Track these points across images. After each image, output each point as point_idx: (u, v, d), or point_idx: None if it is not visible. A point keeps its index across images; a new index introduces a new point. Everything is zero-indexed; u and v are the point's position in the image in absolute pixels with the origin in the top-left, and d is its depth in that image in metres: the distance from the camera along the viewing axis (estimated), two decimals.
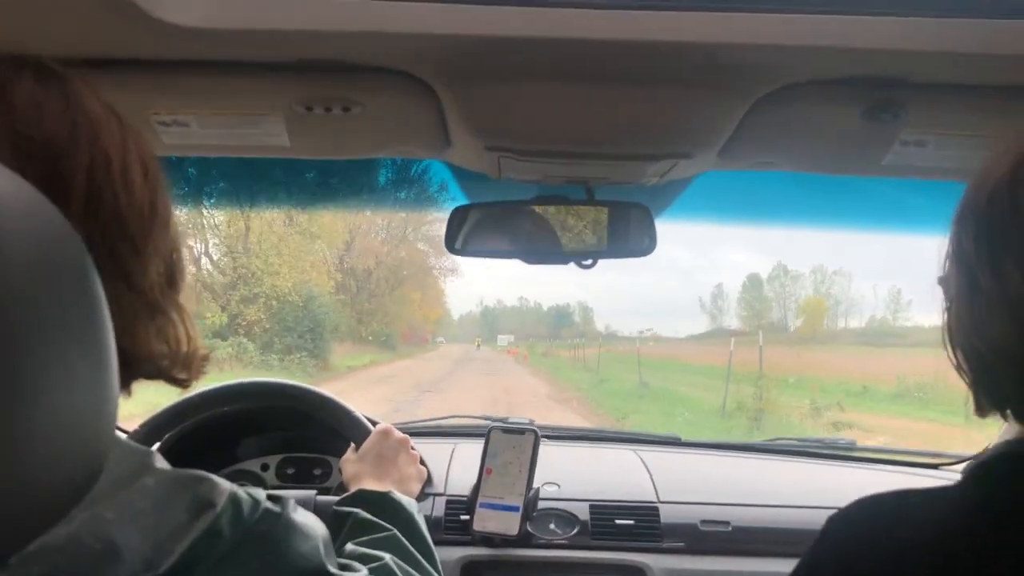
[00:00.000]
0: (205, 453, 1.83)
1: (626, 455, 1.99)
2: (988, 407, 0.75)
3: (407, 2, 0.91)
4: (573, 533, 1.66)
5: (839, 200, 1.76)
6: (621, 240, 1.42)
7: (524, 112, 1.10)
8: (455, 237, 1.44)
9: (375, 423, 1.56)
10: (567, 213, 1.44)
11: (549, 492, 1.73)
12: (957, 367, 0.77)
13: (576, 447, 2.14)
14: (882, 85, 1.03)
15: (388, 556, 1.06)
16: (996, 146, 1.08)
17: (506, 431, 1.67)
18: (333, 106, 1.10)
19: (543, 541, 1.64)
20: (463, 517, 1.63)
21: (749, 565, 1.63)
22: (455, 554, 1.60)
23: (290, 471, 1.86)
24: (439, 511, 1.68)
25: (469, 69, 1.02)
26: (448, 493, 1.73)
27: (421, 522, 1.20)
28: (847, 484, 1.94)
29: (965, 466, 0.78)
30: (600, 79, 1.02)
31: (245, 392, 1.66)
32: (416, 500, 1.29)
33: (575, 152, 1.19)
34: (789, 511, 1.71)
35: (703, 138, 1.15)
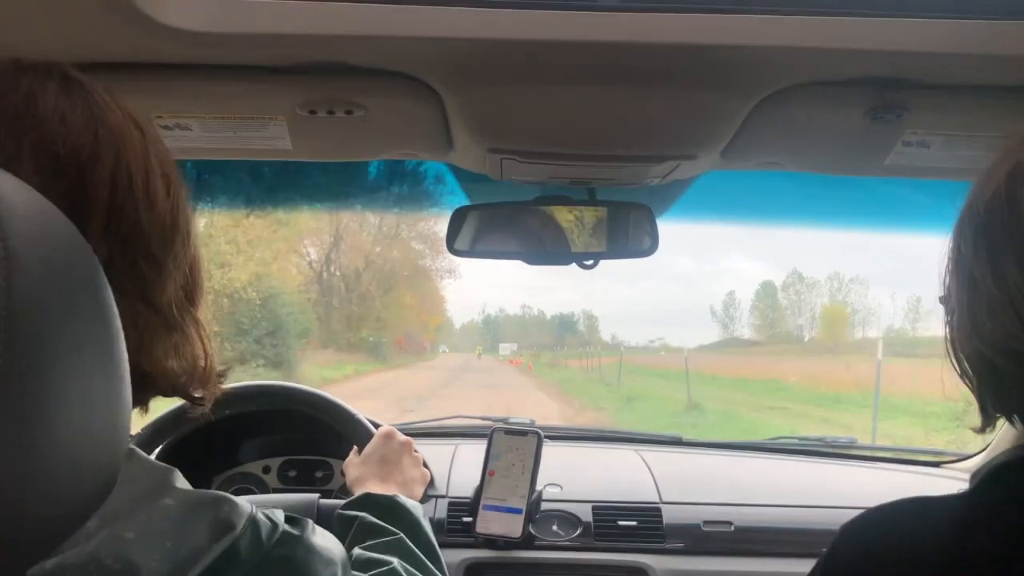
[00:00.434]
0: (207, 455, 1.84)
1: (628, 455, 1.99)
2: (994, 412, 0.75)
3: (409, 5, 0.91)
4: (576, 534, 1.66)
5: (843, 200, 1.76)
6: (623, 241, 1.42)
7: (527, 115, 1.10)
8: (456, 238, 1.44)
9: (378, 425, 1.56)
10: (569, 214, 1.44)
11: (551, 493, 1.73)
12: (961, 375, 0.77)
13: (578, 447, 2.14)
14: (885, 86, 1.03)
15: (396, 561, 1.06)
16: (999, 147, 1.09)
17: (508, 432, 1.67)
18: (336, 109, 1.09)
19: (546, 543, 1.64)
20: (466, 519, 1.63)
21: (752, 565, 1.63)
22: (458, 556, 1.60)
23: (292, 473, 1.86)
24: (441, 513, 1.68)
25: (472, 72, 1.02)
26: (450, 495, 1.72)
27: (427, 525, 1.20)
28: (849, 483, 1.94)
29: (973, 468, 0.78)
30: (603, 81, 1.02)
31: (247, 395, 1.66)
32: (420, 503, 1.29)
33: (578, 154, 1.19)
34: (791, 511, 1.71)
35: (707, 139, 1.15)
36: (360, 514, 1.17)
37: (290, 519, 0.70)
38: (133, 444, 1.51)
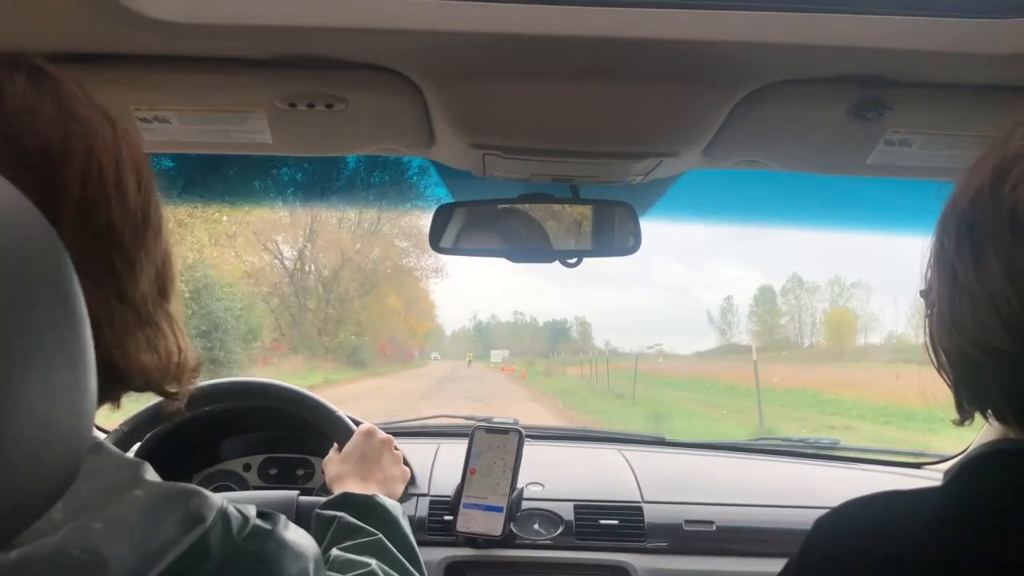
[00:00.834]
0: (187, 453, 1.82)
1: (611, 455, 1.99)
2: (969, 407, 0.76)
3: None
4: (557, 533, 1.65)
5: (825, 200, 1.77)
6: (606, 239, 1.42)
7: (509, 110, 1.09)
8: (440, 236, 1.43)
9: (358, 423, 1.55)
10: (552, 212, 1.44)
11: (533, 492, 1.73)
12: (938, 368, 0.77)
13: (560, 447, 2.14)
14: (867, 84, 1.03)
15: (375, 562, 1.05)
16: (981, 146, 1.09)
17: (490, 431, 1.67)
18: (316, 103, 1.09)
19: (527, 541, 1.64)
20: (447, 517, 1.63)
21: (733, 565, 1.63)
22: (438, 555, 1.59)
23: (272, 471, 1.85)
24: (423, 511, 1.67)
25: (454, 66, 1.01)
26: (432, 493, 1.72)
27: (406, 525, 1.19)
28: (831, 483, 1.95)
29: (948, 466, 0.79)
30: (585, 77, 1.02)
31: (227, 391, 1.65)
32: (400, 501, 1.29)
33: (560, 150, 1.18)
34: (773, 511, 1.72)
35: (688, 136, 1.15)
36: (339, 514, 1.16)
37: (262, 513, 0.70)
38: (111, 441, 1.51)
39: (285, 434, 1.86)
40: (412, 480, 1.70)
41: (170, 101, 1.10)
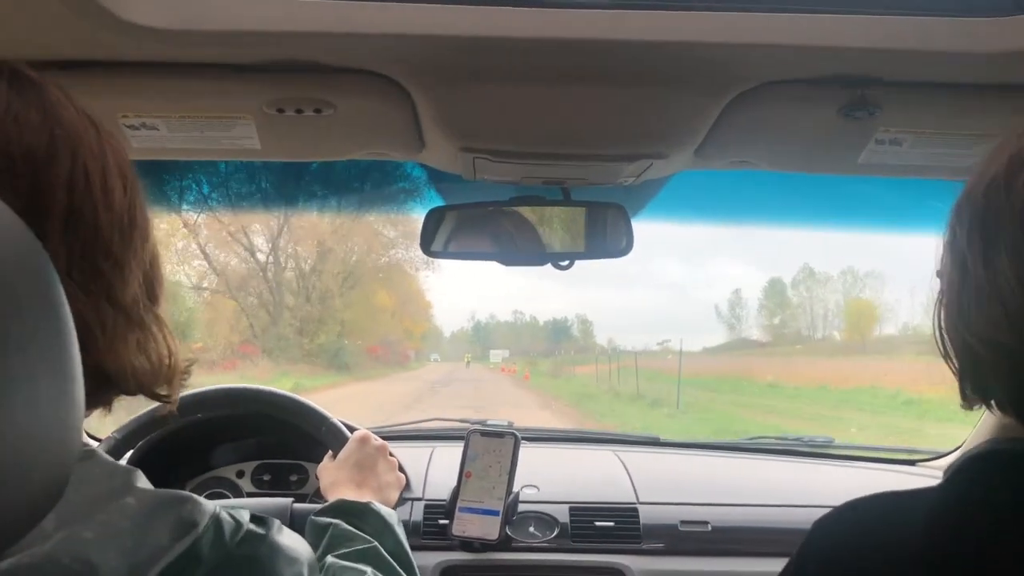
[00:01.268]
0: (180, 460, 1.82)
1: (606, 456, 1.98)
2: (972, 397, 0.75)
3: (378, 2, 0.90)
4: (553, 536, 1.65)
5: (817, 198, 1.77)
6: (597, 240, 1.42)
7: (498, 113, 1.09)
8: (431, 239, 1.43)
9: (353, 429, 1.54)
10: (543, 214, 1.43)
11: (528, 495, 1.72)
12: (944, 355, 0.77)
13: (556, 449, 2.14)
14: (856, 84, 1.03)
15: (370, 570, 1.06)
16: (971, 144, 1.09)
17: (485, 434, 1.66)
18: (304, 108, 1.08)
19: (523, 544, 1.63)
20: (442, 521, 1.62)
21: (729, 565, 1.63)
22: (433, 559, 1.59)
23: (266, 477, 1.84)
24: (417, 516, 1.67)
25: (442, 70, 1.01)
26: (427, 497, 1.71)
27: (401, 533, 1.19)
28: (825, 482, 1.95)
29: (947, 465, 0.78)
30: (574, 79, 1.02)
31: (220, 398, 1.64)
32: (394, 507, 1.28)
33: (550, 153, 1.18)
34: (768, 510, 1.72)
35: (678, 138, 1.14)
36: (334, 521, 1.16)
37: (256, 518, 0.69)
38: (103, 450, 1.50)
39: (278, 440, 1.85)
40: (407, 485, 1.70)
41: (157, 108, 1.09)
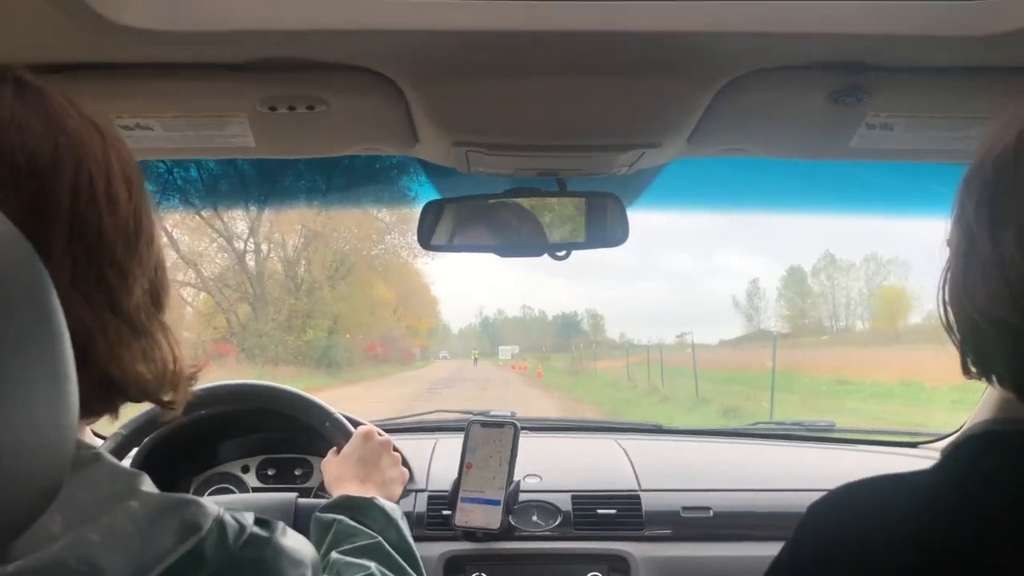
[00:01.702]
0: (185, 456, 1.83)
1: (608, 444, 1.99)
2: (974, 370, 0.75)
3: None
4: (555, 524, 1.66)
5: (814, 183, 1.77)
6: (594, 230, 1.42)
7: (489, 106, 1.09)
8: (428, 232, 1.43)
9: (356, 423, 1.56)
10: (539, 205, 1.44)
11: (531, 484, 1.74)
12: (947, 327, 0.77)
13: (558, 438, 2.15)
14: (845, 69, 1.03)
15: (373, 565, 1.06)
16: (963, 127, 1.09)
17: (485, 425, 1.67)
18: (297, 105, 1.09)
19: (526, 533, 1.64)
20: (445, 512, 1.63)
21: (731, 550, 1.64)
22: (438, 549, 1.60)
23: (271, 472, 1.86)
24: (421, 507, 1.68)
25: (433, 65, 1.01)
26: (430, 489, 1.72)
27: (405, 527, 1.20)
28: (827, 466, 1.96)
29: (945, 444, 0.78)
30: (565, 71, 1.02)
31: (224, 395, 1.65)
32: (398, 499, 1.29)
33: (542, 145, 1.18)
34: (770, 495, 1.72)
35: (670, 126, 1.15)
36: (338, 517, 1.16)
37: (260, 521, 0.69)
38: (110, 446, 1.51)
39: (282, 435, 1.86)
40: (411, 477, 1.71)
41: (151, 108, 1.10)
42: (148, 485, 0.65)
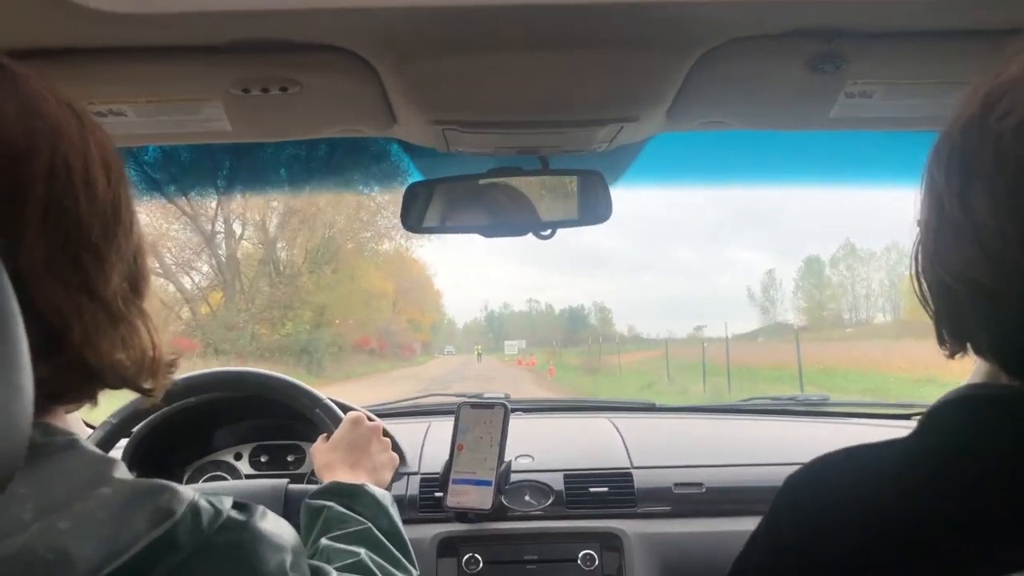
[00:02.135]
0: (178, 445, 1.83)
1: (600, 423, 2.00)
2: (950, 340, 0.74)
3: None
4: (548, 503, 1.67)
5: (798, 154, 1.76)
6: (577, 208, 1.42)
7: (465, 83, 1.09)
8: (410, 215, 1.43)
9: (346, 408, 1.56)
10: (523, 184, 1.43)
11: (523, 464, 1.74)
12: (921, 299, 0.76)
13: (550, 418, 2.15)
14: (820, 36, 1.02)
15: (363, 551, 1.05)
16: (942, 94, 1.08)
17: (475, 406, 1.67)
18: (270, 87, 1.08)
19: (518, 513, 1.65)
20: (437, 494, 1.64)
21: (723, 525, 1.64)
22: (431, 531, 1.60)
23: (263, 459, 1.87)
24: (413, 489, 1.68)
25: (405, 42, 1.00)
26: (422, 471, 1.73)
27: (395, 513, 1.19)
28: (819, 440, 1.96)
29: (922, 415, 0.78)
30: (538, 46, 1.01)
31: (212, 382, 1.65)
32: (389, 486, 1.29)
33: (519, 121, 1.18)
34: (761, 469, 1.72)
35: (647, 100, 1.14)
36: (327, 504, 1.16)
37: (238, 505, 0.69)
38: (99, 434, 1.50)
39: (274, 421, 1.87)
40: (403, 460, 1.71)
41: (123, 94, 1.09)
42: (122, 471, 0.65)
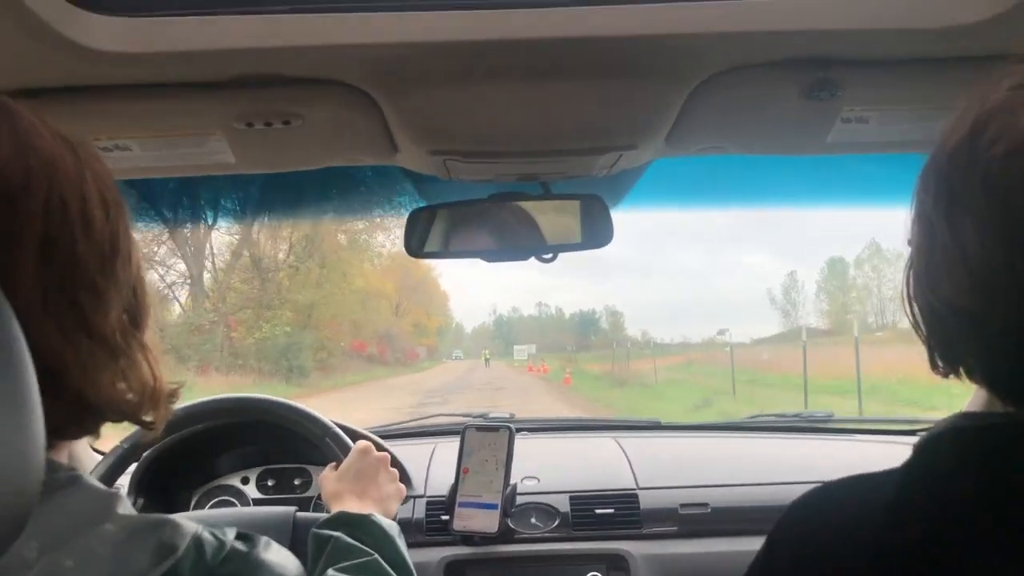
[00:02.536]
0: (185, 470, 1.84)
1: (606, 443, 2.00)
2: (942, 364, 0.74)
3: (336, 14, 0.91)
4: (554, 526, 1.67)
5: (800, 177, 1.77)
6: (578, 232, 1.43)
7: (463, 115, 1.10)
8: (413, 240, 1.44)
9: (354, 435, 1.56)
10: (525, 209, 1.44)
11: (529, 486, 1.74)
12: (914, 324, 0.76)
13: (556, 439, 2.15)
14: (815, 65, 1.03)
15: None
16: (938, 118, 1.08)
17: (481, 429, 1.68)
18: (273, 121, 1.09)
19: (524, 535, 1.65)
20: (443, 517, 1.64)
21: (729, 545, 1.64)
22: (437, 555, 1.61)
23: (270, 483, 1.87)
24: (420, 513, 1.69)
25: (405, 76, 1.02)
26: (428, 494, 1.73)
27: (402, 544, 1.19)
28: (824, 457, 1.96)
29: (916, 441, 0.78)
30: (537, 78, 1.03)
31: (222, 408, 1.66)
32: (395, 517, 1.29)
33: (519, 151, 1.19)
34: (767, 488, 1.72)
35: (645, 128, 1.15)
36: (335, 534, 1.16)
37: (241, 536, 0.69)
38: (110, 460, 1.51)
39: (281, 445, 1.87)
40: (409, 483, 1.72)
41: (128, 129, 1.11)
42: (125, 507, 0.65)
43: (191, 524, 0.66)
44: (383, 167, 1.55)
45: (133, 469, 1.69)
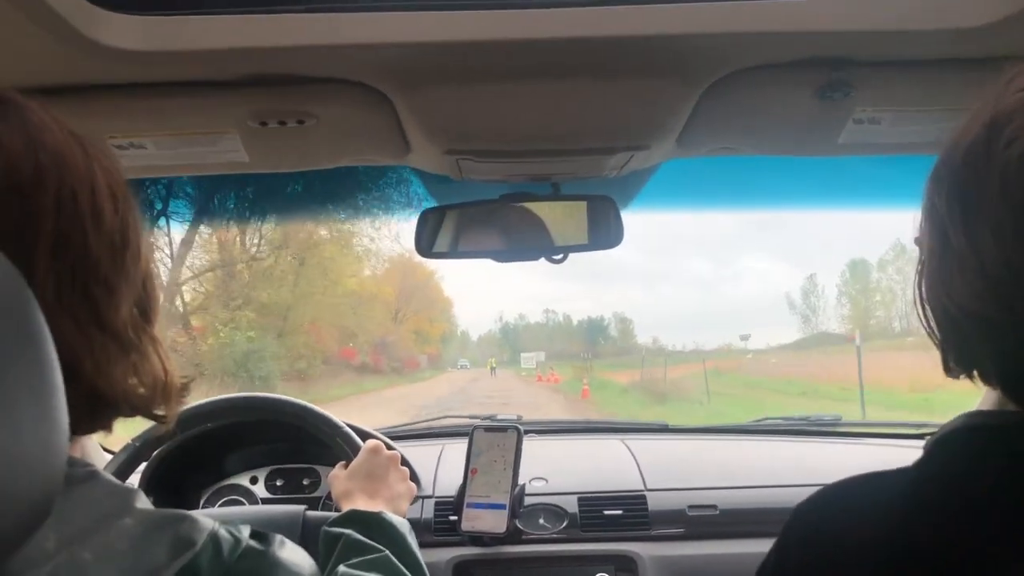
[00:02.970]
0: (194, 469, 1.84)
1: (614, 445, 2.00)
2: (956, 369, 0.74)
3: (352, 13, 0.91)
4: (562, 527, 1.67)
5: (811, 179, 1.77)
6: (588, 233, 1.43)
7: (476, 114, 1.11)
8: (424, 240, 1.45)
9: (364, 435, 1.56)
10: (534, 209, 1.45)
11: (537, 487, 1.74)
12: (926, 326, 0.76)
13: (564, 440, 2.15)
14: (828, 65, 1.04)
15: None
16: (951, 119, 1.09)
17: (488, 430, 1.68)
18: (287, 120, 1.10)
19: (533, 536, 1.65)
20: (452, 518, 1.64)
21: (738, 547, 1.64)
22: (446, 555, 1.61)
23: (279, 482, 1.87)
24: (428, 513, 1.69)
25: (419, 75, 1.02)
26: (436, 495, 1.73)
27: (412, 541, 1.19)
28: (832, 460, 1.95)
29: (926, 441, 0.78)
30: (551, 78, 1.03)
31: (232, 407, 1.67)
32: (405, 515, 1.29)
33: (531, 151, 1.19)
34: (775, 491, 1.72)
35: (657, 128, 1.15)
36: (345, 531, 1.16)
37: (256, 534, 0.69)
38: (123, 456, 1.51)
39: (290, 445, 1.88)
40: (418, 485, 1.72)
41: (143, 128, 1.11)
42: (142, 502, 0.65)
43: (208, 520, 0.66)
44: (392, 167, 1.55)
45: (143, 468, 1.69)
